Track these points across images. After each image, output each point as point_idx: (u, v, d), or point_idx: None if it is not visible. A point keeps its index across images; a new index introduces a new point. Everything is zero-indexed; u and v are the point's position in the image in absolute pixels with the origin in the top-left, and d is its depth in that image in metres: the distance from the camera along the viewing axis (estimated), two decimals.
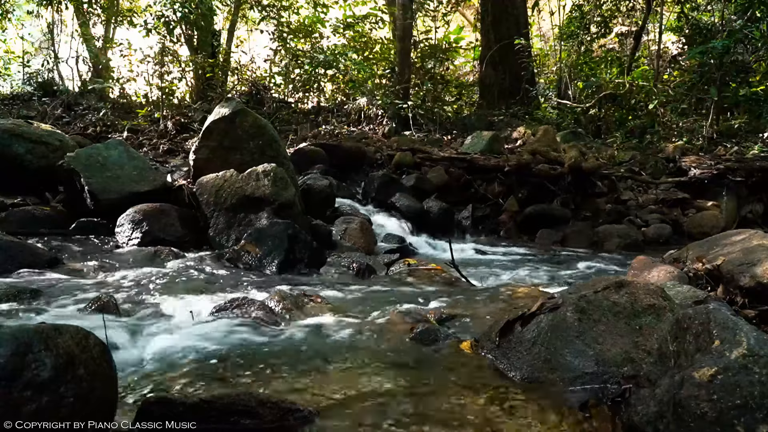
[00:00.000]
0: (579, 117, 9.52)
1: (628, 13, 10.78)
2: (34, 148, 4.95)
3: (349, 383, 1.78)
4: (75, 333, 1.31)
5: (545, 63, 12.99)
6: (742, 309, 2.41)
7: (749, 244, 2.78)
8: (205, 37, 11.69)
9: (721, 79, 8.06)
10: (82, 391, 1.24)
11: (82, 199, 4.43)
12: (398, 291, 3.12)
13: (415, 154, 7.10)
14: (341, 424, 1.51)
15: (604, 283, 1.98)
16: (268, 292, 2.83)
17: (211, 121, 4.78)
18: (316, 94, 11.52)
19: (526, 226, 6.03)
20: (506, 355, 1.92)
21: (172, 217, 4.19)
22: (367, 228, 4.68)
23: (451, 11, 13.13)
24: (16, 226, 4.01)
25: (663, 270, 2.93)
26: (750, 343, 1.33)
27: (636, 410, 1.45)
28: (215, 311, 2.50)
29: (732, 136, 8.26)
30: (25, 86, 11.70)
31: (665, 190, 6.52)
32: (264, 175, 4.19)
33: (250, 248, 3.69)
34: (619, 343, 1.80)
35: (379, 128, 9.51)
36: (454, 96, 12.21)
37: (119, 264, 3.51)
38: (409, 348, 2.12)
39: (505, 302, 2.79)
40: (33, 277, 3.10)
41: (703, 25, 9.64)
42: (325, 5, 12.76)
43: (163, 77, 9.94)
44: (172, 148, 7.81)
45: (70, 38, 13.07)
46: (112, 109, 9.82)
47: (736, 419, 1.24)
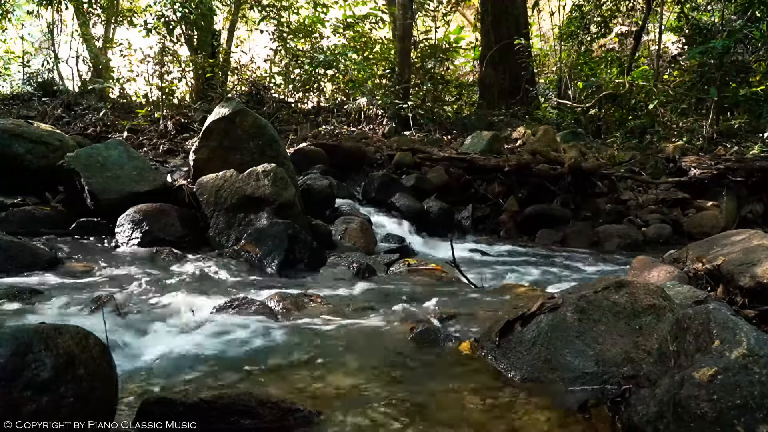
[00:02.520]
0: (579, 117, 9.51)
1: (628, 13, 10.77)
2: (34, 148, 4.95)
3: (349, 383, 1.78)
4: (75, 333, 1.31)
5: (545, 63, 12.99)
6: (742, 309, 2.41)
7: (749, 244, 2.78)
8: (205, 37, 11.69)
9: (721, 79, 8.05)
10: (82, 391, 1.24)
11: (82, 199, 4.42)
12: (398, 291, 3.12)
13: (415, 154, 7.10)
14: (341, 424, 1.51)
15: (604, 283, 1.98)
16: (268, 292, 2.83)
17: (211, 121, 4.78)
18: (316, 94, 11.52)
19: (526, 226, 6.03)
20: (506, 355, 1.92)
21: (172, 217, 4.19)
22: (367, 228, 4.68)
23: (451, 11, 13.13)
24: (16, 226, 4.01)
25: (663, 270, 2.93)
26: (750, 343, 1.33)
27: (636, 410, 1.45)
28: (215, 311, 2.50)
29: (732, 136, 8.26)
30: (25, 86, 11.69)
31: (665, 190, 6.51)
32: (264, 175, 4.19)
33: (250, 248, 3.69)
34: (619, 343, 1.80)
35: (379, 128, 9.50)
36: (454, 96, 12.20)
37: (119, 264, 3.51)
38: (409, 348, 2.12)
39: (505, 302, 2.78)
40: (33, 277, 3.10)
41: (703, 25, 9.64)
42: (325, 5, 12.75)
43: (163, 77, 9.93)
44: (172, 148, 7.80)
45: (70, 38, 13.07)
46: (112, 109, 9.81)
47: (736, 419, 1.24)
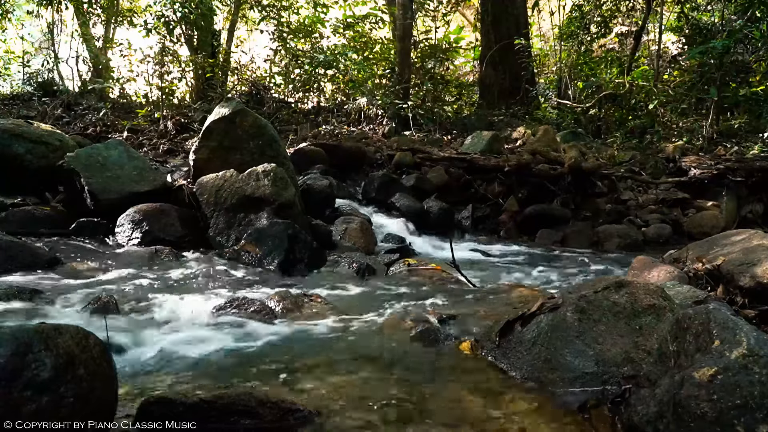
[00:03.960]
0: (579, 117, 9.51)
1: (628, 13, 10.77)
2: (34, 148, 4.95)
3: (348, 383, 1.78)
4: (75, 333, 1.31)
5: (545, 63, 12.98)
6: (742, 309, 2.41)
7: (749, 244, 2.78)
8: (205, 37, 11.68)
9: (721, 79, 8.05)
10: (82, 391, 1.24)
11: (82, 199, 4.42)
12: (398, 291, 3.12)
13: (415, 154, 7.10)
14: (341, 424, 1.51)
15: (604, 283, 1.98)
16: (268, 292, 2.84)
17: (211, 121, 4.78)
18: (316, 94, 11.51)
19: (526, 226, 6.03)
20: (506, 355, 1.92)
21: (172, 217, 4.19)
22: (367, 228, 4.68)
23: (451, 11, 13.12)
24: (16, 226, 4.01)
25: (663, 270, 2.93)
26: (750, 343, 1.33)
27: (636, 410, 1.45)
28: (215, 311, 2.50)
29: (732, 136, 8.25)
30: (25, 86, 11.68)
31: (665, 190, 6.51)
32: (264, 175, 4.19)
33: (250, 248, 3.70)
34: (619, 343, 1.80)
35: (379, 128, 9.50)
36: (454, 96, 12.20)
37: (119, 264, 3.51)
38: (409, 348, 2.12)
39: (505, 302, 2.79)
40: (33, 277, 3.10)
41: (703, 25, 9.63)
42: (325, 5, 12.75)
43: (163, 77, 9.92)
44: (172, 148, 7.80)
45: (70, 38, 13.05)
46: (112, 109, 9.80)
47: (736, 419, 1.24)
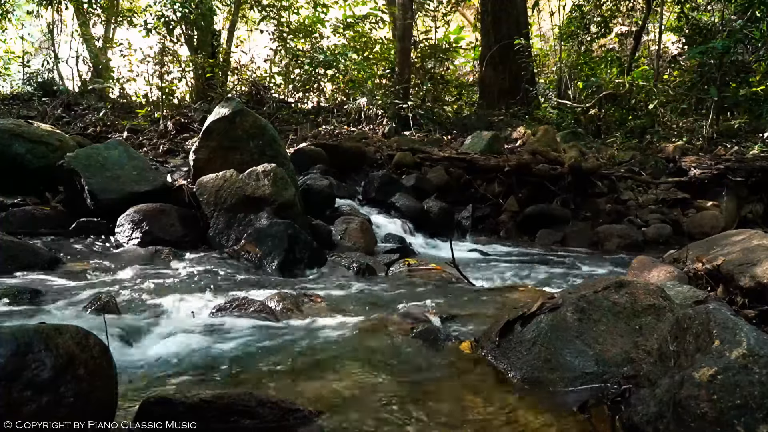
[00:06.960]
0: (579, 117, 9.50)
1: (628, 13, 10.76)
2: (34, 148, 4.95)
3: (348, 383, 1.78)
4: (75, 333, 1.31)
5: (545, 63, 12.98)
6: (742, 309, 2.41)
7: (749, 244, 2.78)
8: (205, 37, 11.68)
9: (721, 79, 8.05)
10: (82, 391, 1.24)
11: (82, 199, 4.42)
12: (398, 291, 3.12)
13: (415, 154, 7.10)
14: (341, 424, 1.51)
15: (604, 283, 1.98)
16: (268, 292, 2.83)
17: (211, 121, 4.78)
18: (316, 94, 11.52)
19: (526, 226, 6.03)
20: (506, 355, 1.92)
21: (172, 217, 4.19)
22: (367, 228, 4.68)
23: (451, 11, 13.13)
24: (16, 226, 4.01)
25: (663, 270, 2.93)
26: (750, 343, 1.33)
27: (636, 410, 1.45)
28: (215, 311, 2.50)
29: (732, 136, 8.25)
30: (25, 86, 11.68)
31: (665, 190, 6.51)
32: (264, 175, 4.19)
33: (250, 248, 3.70)
34: (619, 343, 1.80)
35: (379, 128, 9.50)
36: (454, 96, 12.20)
37: (119, 264, 3.51)
38: (409, 348, 2.12)
39: (505, 302, 2.79)
40: (33, 277, 3.11)
41: (703, 25, 9.63)
42: (325, 5, 12.75)
43: (163, 77, 9.93)
44: (172, 148, 7.80)
45: (70, 38, 13.06)
46: (112, 109, 9.81)
47: (736, 419, 1.24)
